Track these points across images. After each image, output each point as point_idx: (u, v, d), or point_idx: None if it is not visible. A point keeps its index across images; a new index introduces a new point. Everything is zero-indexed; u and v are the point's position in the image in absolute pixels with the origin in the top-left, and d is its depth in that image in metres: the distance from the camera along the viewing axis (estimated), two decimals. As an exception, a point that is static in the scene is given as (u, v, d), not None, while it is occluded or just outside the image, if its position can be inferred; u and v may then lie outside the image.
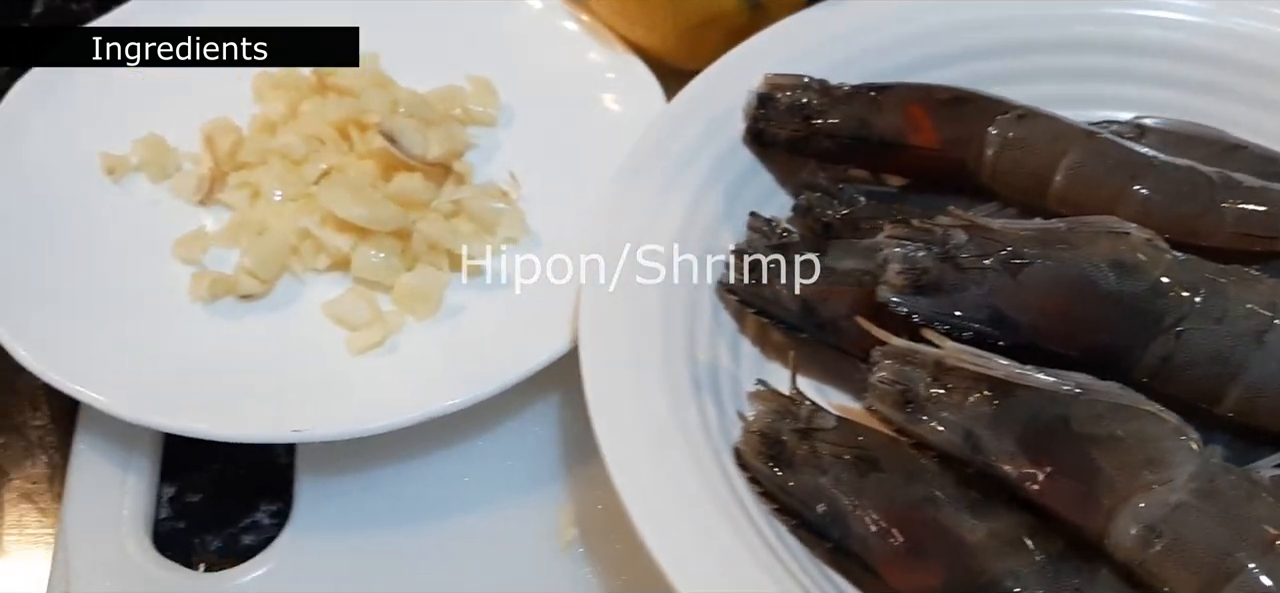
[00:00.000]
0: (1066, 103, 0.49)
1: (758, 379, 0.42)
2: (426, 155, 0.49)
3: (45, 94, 0.52)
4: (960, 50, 0.50)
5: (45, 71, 0.53)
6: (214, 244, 0.49)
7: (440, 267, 0.48)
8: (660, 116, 0.48)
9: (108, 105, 0.53)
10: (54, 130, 0.52)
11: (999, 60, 0.51)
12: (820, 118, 0.47)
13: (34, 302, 0.45)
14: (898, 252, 0.40)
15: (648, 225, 0.44)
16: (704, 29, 0.52)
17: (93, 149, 0.52)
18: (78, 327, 0.45)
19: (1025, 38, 0.51)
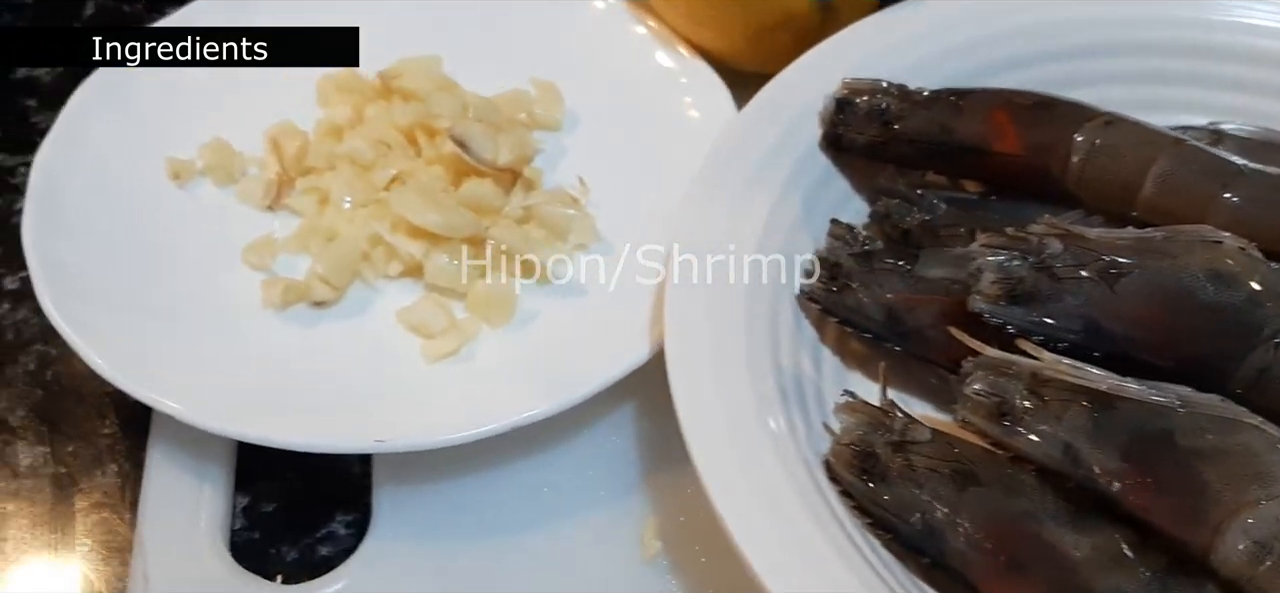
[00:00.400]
0: (1139, 107, 0.48)
1: (845, 390, 0.41)
2: (496, 161, 0.49)
3: (108, 96, 0.52)
4: (1032, 54, 0.50)
5: (108, 73, 0.52)
6: (283, 250, 0.49)
7: (513, 274, 0.47)
8: (737, 120, 0.47)
9: (170, 108, 0.53)
10: (118, 133, 0.51)
11: (1071, 63, 0.50)
12: (900, 123, 0.46)
13: (106, 307, 0.45)
14: (992, 261, 0.39)
15: (729, 231, 0.44)
16: (774, 32, 0.51)
17: (157, 153, 0.51)
18: (150, 333, 0.45)
19: (1098, 41, 0.50)
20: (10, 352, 0.50)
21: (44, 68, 0.62)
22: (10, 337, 0.51)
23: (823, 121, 0.47)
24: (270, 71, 0.54)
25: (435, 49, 0.55)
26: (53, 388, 0.49)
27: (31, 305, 0.51)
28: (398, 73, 0.53)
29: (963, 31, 0.50)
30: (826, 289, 0.43)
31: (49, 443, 0.47)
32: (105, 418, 0.48)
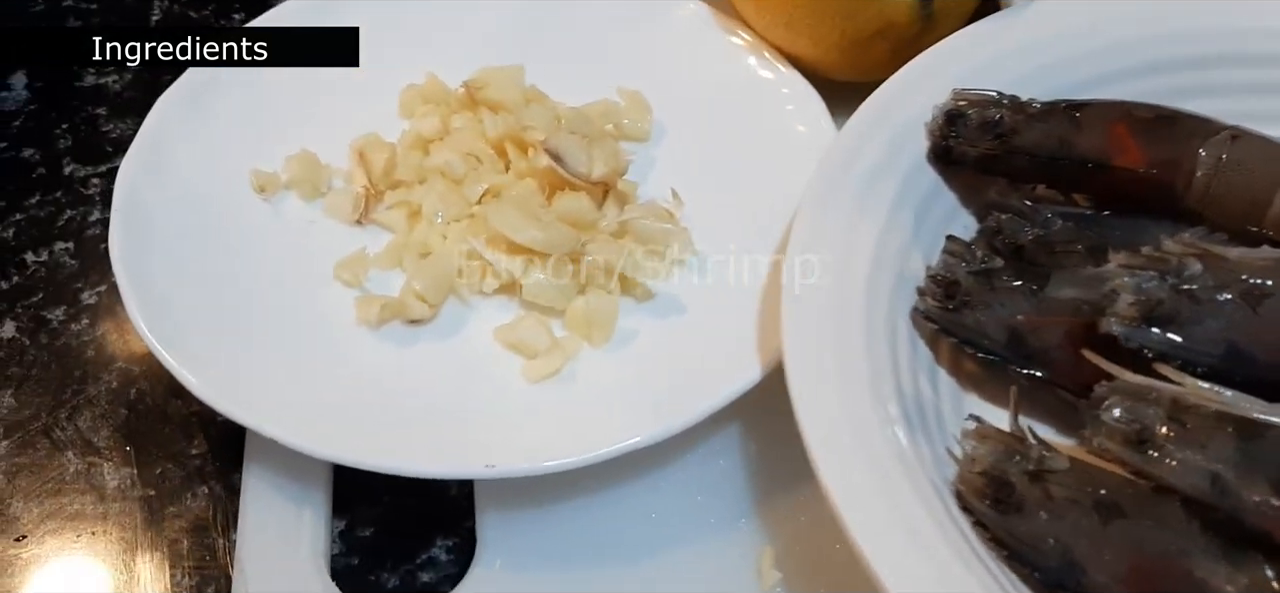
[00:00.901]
0: (1253, 119, 0.47)
1: (970, 415, 0.40)
2: (590, 175, 0.48)
3: (189, 107, 0.50)
4: (1142, 64, 0.48)
5: (188, 83, 0.51)
6: (375, 266, 0.48)
7: (612, 290, 0.46)
8: (844, 134, 0.46)
9: (252, 119, 0.52)
10: (201, 145, 0.50)
11: (1184, 75, 0.48)
12: (1015, 136, 0.45)
13: (197, 326, 0.44)
14: (1129, 282, 0.38)
15: (843, 247, 0.42)
16: (872, 41, 0.50)
17: (241, 165, 0.50)
18: (244, 352, 0.44)
19: (1212, 52, 0.49)
20: (92, 370, 0.49)
21: (112, 74, 0.61)
22: (91, 354, 0.50)
23: (931, 134, 0.46)
24: (352, 81, 0.53)
25: (516, 57, 0.54)
26: (138, 407, 0.48)
27: (112, 321, 0.50)
28: (483, 83, 0.52)
29: (1067, 43, 0.49)
30: (944, 308, 0.42)
31: (135, 464, 0.46)
32: (193, 439, 0.46)
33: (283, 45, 0.52)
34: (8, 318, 0.51)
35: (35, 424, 0.47)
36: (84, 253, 0.53)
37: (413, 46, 0.55)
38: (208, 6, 0.65)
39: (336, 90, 0.53)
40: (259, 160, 0.50)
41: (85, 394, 0.48)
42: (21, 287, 0.52)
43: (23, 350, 0.50)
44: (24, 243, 0.54)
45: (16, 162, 0.57)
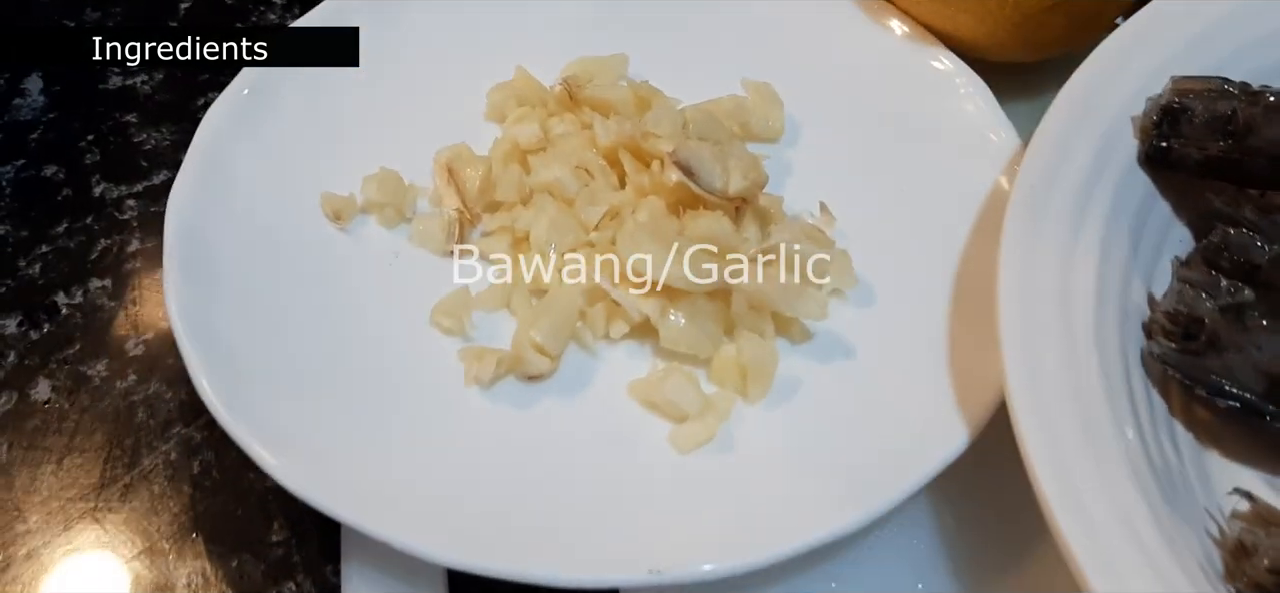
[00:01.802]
0: None
1: (1237, 488, 0.33)
2: (727, 190, 0.40)
3: (243, 121, 0.43)
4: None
5: (239, 91, 0.43)
6: (478, 307, 0.40)
7: (765, 332, 0.39)
8: (1044, 135, 0.38)
9: (316, 133, 0.44)
10: (262, 166, 0.42)
11: None
12: (1251, 134, 0.37)
13: (276, 392, 0.37)
14: None
15: (1063, 281, 0.35)
16: (1048, 13, 0.42)
17: (310, 188, 0.42)
18: (332, 424, 0.36)
19: None
20: (145, 437, 0.42)
21: (140, 76, 0.53)
22: (142, 416, 0.42)
23: (1143, 132, 0.38)
24: (429, 80, 0.45)
25: (613, 46, 0.46)
26: (203, 484, 0.40)
27: (165, 375, 0.43)
28: (584, 78, 0.44)
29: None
30: (1183, 350, 0.35)
31: (206, 557, 0.39)
32: (274, 522, 0.39)
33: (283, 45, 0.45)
34: (40, 375, 0.43)
35: (80, 507, 0.40)
36: (125, 290, 0.46)
37: (492, 37, 0.47)
38: None
39: (412, 92, 0.45)
40: (331, 180, 0.43)
41: (139, 469, 0.41)
42: (54, 336, 0.44)
43: (61, 415, 0.42)
44: (54, 281, 0.46)
45: (38, 182, 0.49)
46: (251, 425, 0.35)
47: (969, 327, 0.38)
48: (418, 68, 0.46)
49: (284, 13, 0.55)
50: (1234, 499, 0.33)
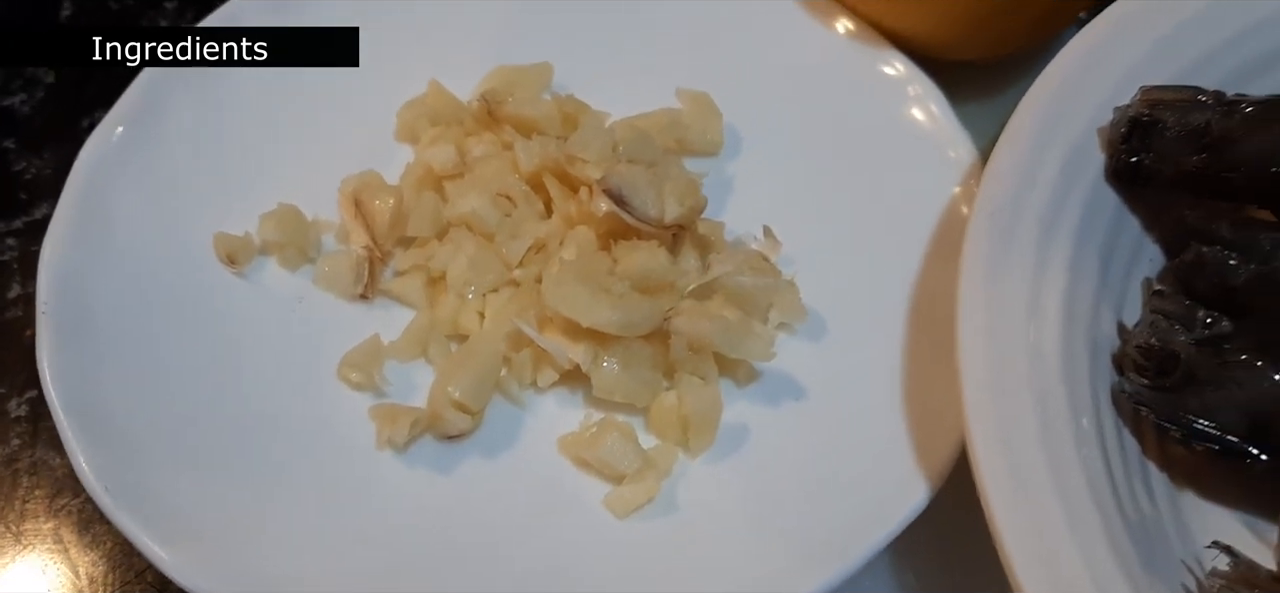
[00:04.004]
0: None
1: (1216, 542, 0.30)
2: (663, 218, 0.36)
3: (127, 154, 0.39)
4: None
5: (123, 119, 0.39)
6: (391, 358, 0.36)
7: (707, 376, 0.35)
8: (1006, 152, 0.35)
9: (208, 164, 0.40)
10: (148, 205, 0.38)
11: None
12: (1228, 147, 0.34)
13: (162, 468, 0.33)
14: None
15: (1028, 314, 0.32)
16: (1006, 14, 0.39)
17: (202, 228, 0.38)
18: (228, 504, 0.33)
19: None
20: (32, 511, 0.38)
21: (19, 95, 0.48)
22: (27, 486, 0.38)
23: (1112, 147, 0.35)
24: (333, 96, 0.41)
25: (538, 54, 0.42)
26: (98, 564, 0.36)
27: (53, 439, 0.39)
28: (504, 92, 0.40)
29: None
30: (1158, 387, 0.32)
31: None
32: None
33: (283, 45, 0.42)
34: (-90, 442, 0.39)
35: (-42, 593, 0.36)
36: (6, 342, 0.41)
37: (404, 47, 0.43)
38: None
39: (315, 112, 0.41)
40: (224, 218, 0.39)
41: (25, 547, 0.37)
42: (-76, 396, 0.40)
43: (-67, 489, 0.38)
44: (-77, 333, 0.42)
45: (-96, 217, 0.45)
46: (138, 512, 0.31)
47: (928, 362, 0.35)
48: (321, 83, 0.42)
49: (177, 17, 0.50)
50: (1213, 554, 0.30)
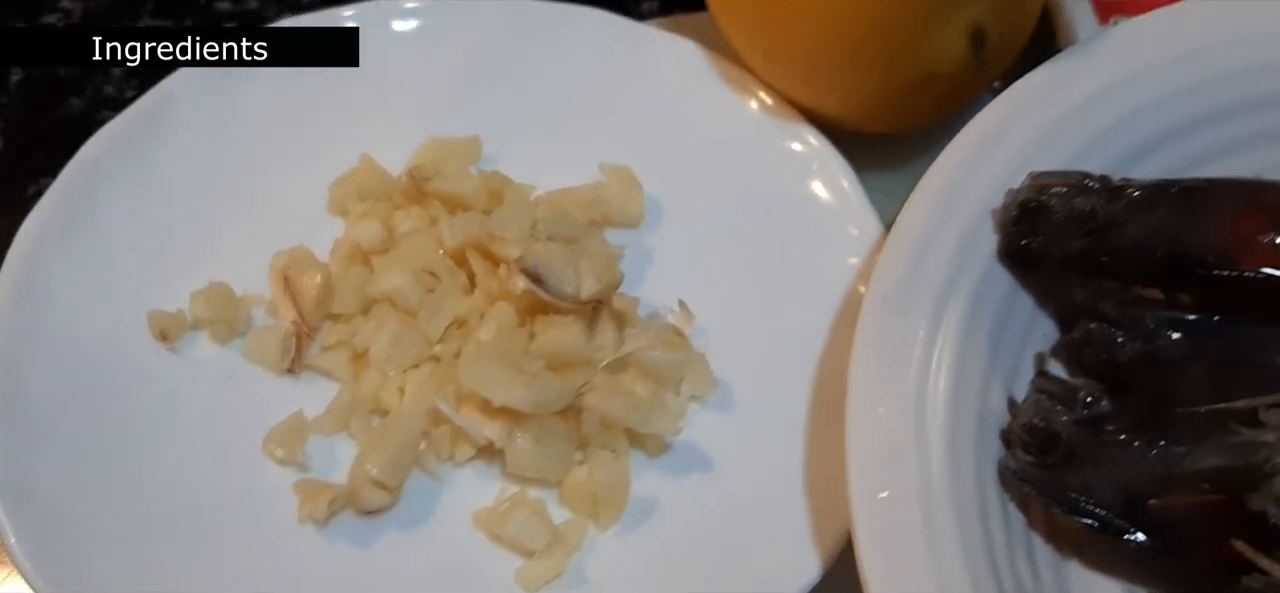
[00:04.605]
0: None
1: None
2: (579, 295, 0.38)
3: (64, 234, 0.40)
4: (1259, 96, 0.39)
5: (57, 200, 0.40)
6: (315, 432, 0.38)
7: (618, 449, 0.37)
8: (901, 234, 0.36)
9: (144, 239, 0.41)
10: (83, 285, 0.40)
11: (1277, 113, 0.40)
12: (1112, 232, 0.36)
13: (93, 546, 0.34)
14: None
15: (916, 392, 0.34)
16: (913, 94, 0.41)
17: (136, 304, 0.40)
18: (157, 579, 0.34)
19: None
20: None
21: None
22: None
23: (1003, 228, 0.37)
24: (270, 170, 0.43)
25: (470, 125, 0.44)
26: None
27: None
28: (432, 168, 0.42)
29: (1160, 79, 0.39)
30: (1041, 466, 0.34)
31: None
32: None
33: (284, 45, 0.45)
34: None
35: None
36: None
37: (338, 118, 0.44)
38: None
39: (250, 184, 0.43)
40: (160, 294, 0.40)
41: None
42: None
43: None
44: None
45: None
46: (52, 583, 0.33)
47: (829, 437, 0.37)
48: (259, 157, 0.43)
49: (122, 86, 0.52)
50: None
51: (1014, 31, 0.40)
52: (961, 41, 0.39)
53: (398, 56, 0.45)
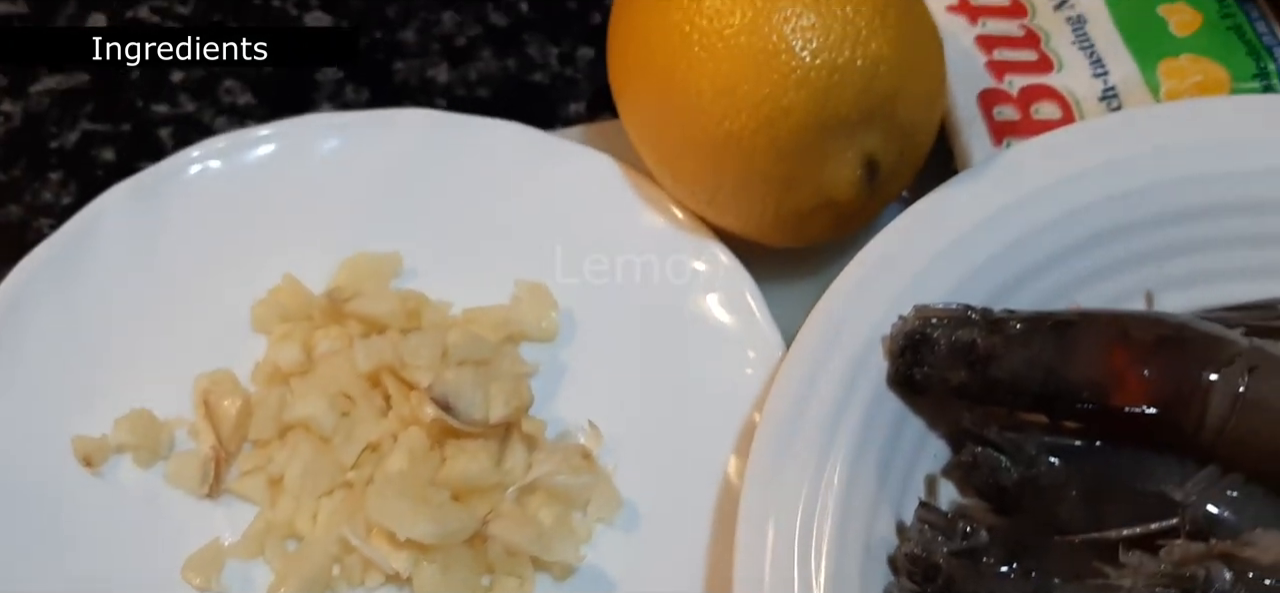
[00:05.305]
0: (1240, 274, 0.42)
1: None
2: (488, 420, 0.39)
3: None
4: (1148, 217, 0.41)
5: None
6: (232, 556, 0.39)
7: (524, 575, 0.38)
8: (795, 361, 0.38)
9: (70, 361, 0.42)
10: (8, 410, 0.41)
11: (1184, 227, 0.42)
12: (992, 364, 0.38)
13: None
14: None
15: (805, 518, 0.36)
16: (810, 217, 0.42)
17: (61, 430, 0.41)
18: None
19: (1212, 201, 0.42)
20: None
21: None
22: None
23: (891, 356, 0.38)
24: (191, 296, 0.44)
25: (388, 243, 0.45)
26: None
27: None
28: (351, 288, 0.43)
29: (1046, 204, 0.41)
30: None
31: None
32: None
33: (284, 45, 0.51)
34: None
35: None
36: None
37: (264, 234, 0.46)
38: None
39: (176, 302, 0.44)
40: (85, 417, 0.41)
41: None
42: None
43: None
44: None
45: None
46: None
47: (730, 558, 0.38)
48: (183, 277, 0.45)
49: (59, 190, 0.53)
50: None
51: (907, 158, 0.42)
52: (855, 170, 0.40)
53: (321, 171, 0.46)
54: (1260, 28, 0.46)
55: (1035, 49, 0.46)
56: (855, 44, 0.39)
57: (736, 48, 0.40)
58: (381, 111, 0.48)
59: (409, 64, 0.56)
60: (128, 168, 0.52)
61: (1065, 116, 0.44)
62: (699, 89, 0.40)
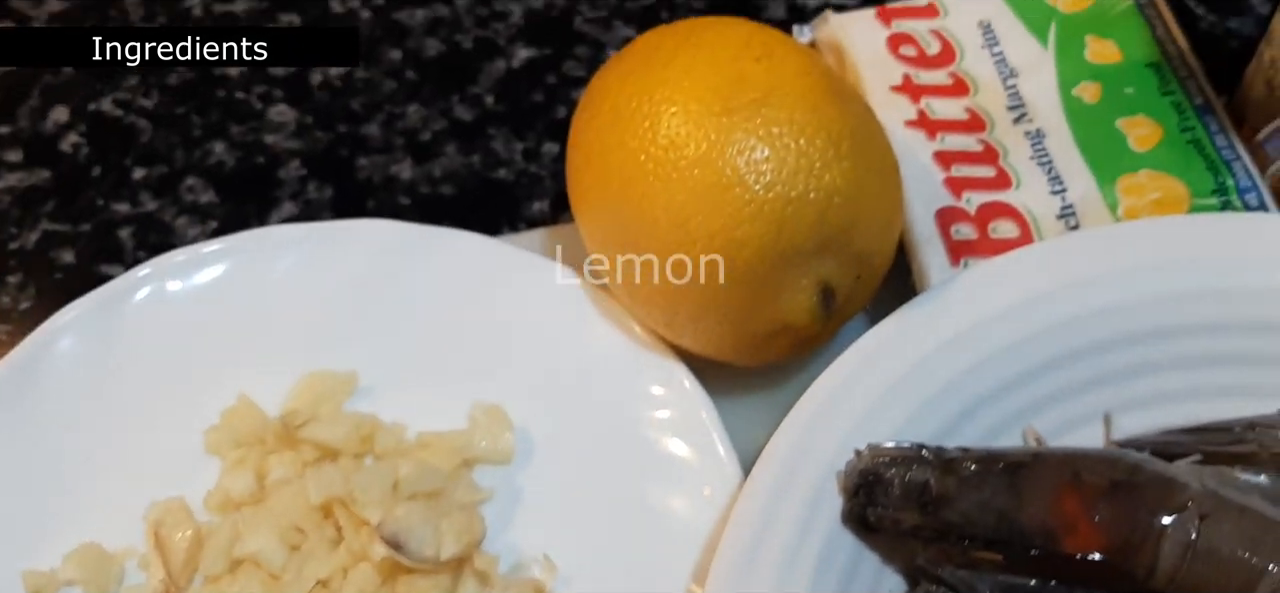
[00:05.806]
0: (1199, 395, 0.41)
1: None
2: (439, 557, 0.39)
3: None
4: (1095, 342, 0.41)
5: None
6: (181, 699, 0.39)
7: (475, 716, 0.38)
8: (751, 492, 0.38)
9: (20, 495, 0.42)
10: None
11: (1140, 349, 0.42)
12: (944, 506, 0.37)
13: None
14: None
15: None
16: (767, 341, 0.42)
17: (11, 563, 0.41)
18: None
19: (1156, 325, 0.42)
20: None
21: None
22: None
23: (845, 493, 0.38)
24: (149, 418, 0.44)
25: (346, 355, 0.45)
26: None
27: None
28: (305, 412, 0.43)
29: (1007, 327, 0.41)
30: None
31: None
32: None
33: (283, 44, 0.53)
34: None
35: None
36: None
37: (219, 353, 0.45)
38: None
39: (128, 430, 0.44)
40: (36, 548, 0.41)
41: None
42: None
43: None
44: None
45: None
46: None
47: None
48: (137, 399, 0.44)
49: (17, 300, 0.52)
50: None
51: (864, 282, 0.42)
52: (811, 297, 0.40)
53: (277, 288, 0.46)
54: (1220, 141, 0.45)
55: (993, 164, 0.46)
56: (809, 176, 0.39)
57: (691, 179, 0.39)
58: (337, 223, 0.47)
59: (373, 160, 0.56)
60: (86, 272, 0.52)
61: (1023, 235, 0.44)
62: (655, 217, 0.40)
